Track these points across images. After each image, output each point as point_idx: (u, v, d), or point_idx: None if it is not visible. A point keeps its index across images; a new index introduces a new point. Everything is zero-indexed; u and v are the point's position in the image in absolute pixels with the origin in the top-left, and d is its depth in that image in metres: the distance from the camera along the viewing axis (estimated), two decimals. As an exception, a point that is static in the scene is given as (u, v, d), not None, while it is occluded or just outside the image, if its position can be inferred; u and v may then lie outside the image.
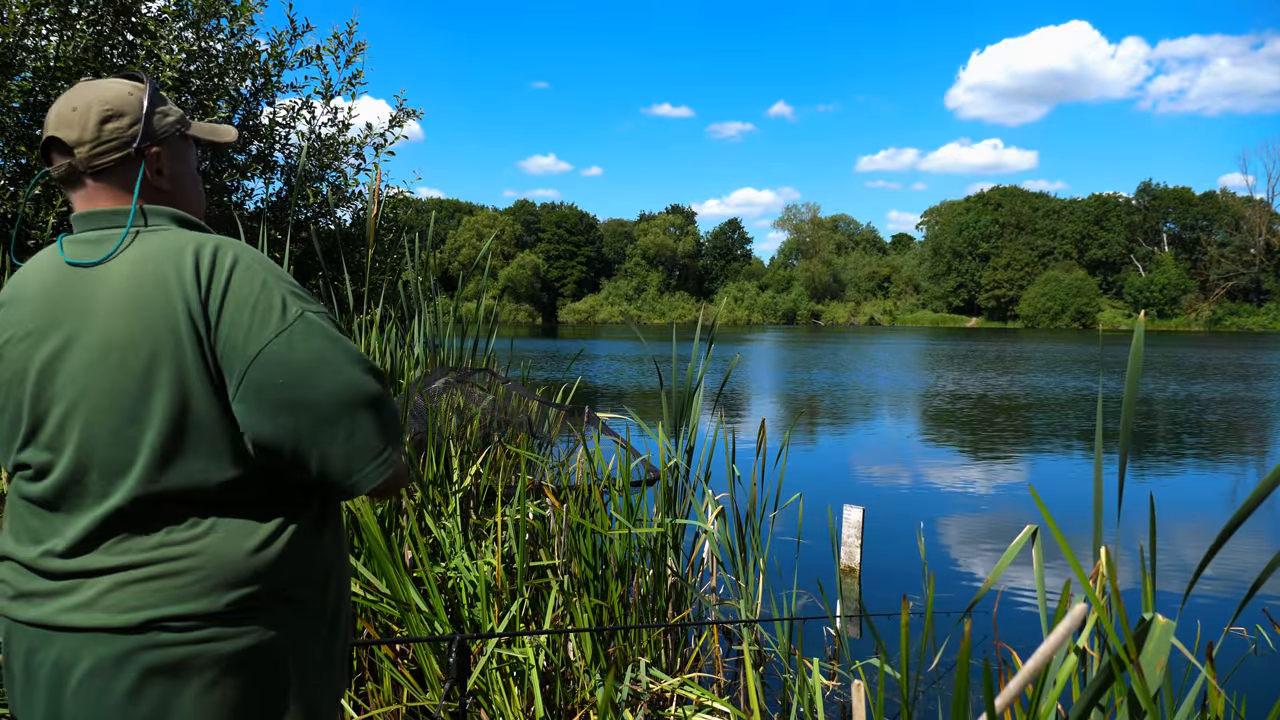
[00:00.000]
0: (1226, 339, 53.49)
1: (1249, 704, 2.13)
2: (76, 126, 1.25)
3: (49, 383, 1.18)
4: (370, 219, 5.12)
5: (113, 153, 1.26)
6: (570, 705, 2.93)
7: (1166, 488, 8.62)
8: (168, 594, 1.14)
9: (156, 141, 1.31)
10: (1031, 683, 1.49)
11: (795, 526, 5.88)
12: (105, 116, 1.26)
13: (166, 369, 1.15)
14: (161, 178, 1.32)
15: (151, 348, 1.15)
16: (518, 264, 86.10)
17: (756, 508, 3.81)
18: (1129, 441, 1.64)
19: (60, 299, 1.19)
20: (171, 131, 1.34)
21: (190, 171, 1.38)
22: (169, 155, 1.33)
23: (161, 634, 1.13)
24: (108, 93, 1.28)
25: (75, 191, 1.29)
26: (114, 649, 1.12)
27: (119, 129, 1.27)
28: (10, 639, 1.19)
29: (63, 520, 1.18)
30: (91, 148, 1.25)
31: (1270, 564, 1.53)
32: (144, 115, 1.28)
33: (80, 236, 1.25)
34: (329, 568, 1.29)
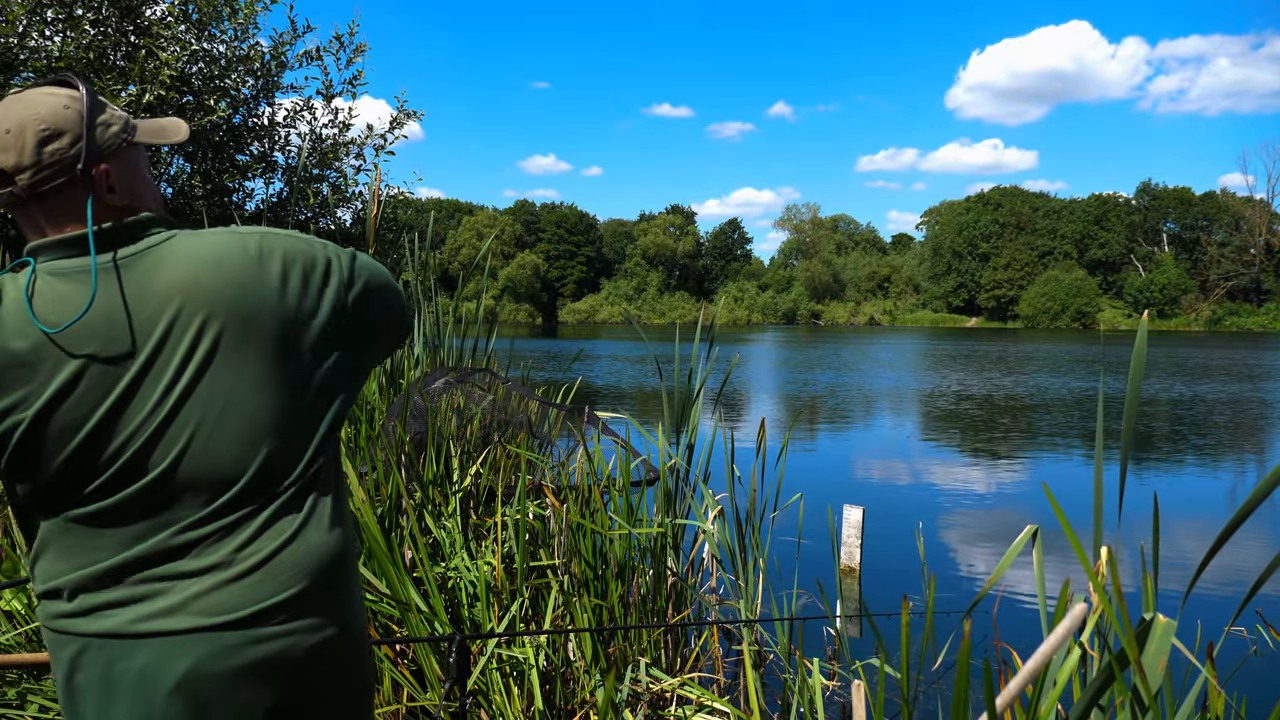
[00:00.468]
0: (1226, 339, 53.49)
1: (1249, 704, 2.13)
2: (13, 151, 1.13)
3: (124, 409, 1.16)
4: (370, 219, 5.12)
5: (56, 177, 1.15)
6: (570, 705, 2.93)
7: (1167, 488, 8.62)
8: (265, 588, 1.18)
9: (102, 158, 1.19)
10: (1032, 682, 1.49)
11: (795, 526, 5.88)
12: (43, 138, 1.14)
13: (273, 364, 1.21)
14: (114, 195, 1.21)
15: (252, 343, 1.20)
16: (518, 264, 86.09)
17: (756, 508, 3.81)
18: (1130, 441, 1.64)
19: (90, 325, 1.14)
20: (117, 143, 1.21)
21: (142, 176, 1.27)
22: (118, 168, 1.22)
23: (262, 628, 1.17)
24: (42, 109, 1.15)
25: (21, 217, 1.19)
26: (214, 646, 1.15)
27: (59, 150, 1.15)
28: (83, 654, 1.17)
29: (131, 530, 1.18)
30: (33, 174, 1.14)
31: (1271, 564, 1.53)
32: (85, 131, 1.16)
33: (60, 266, 1.17)
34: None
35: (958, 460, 10.21)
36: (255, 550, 1.18)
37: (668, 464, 3.58)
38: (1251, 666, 4.15)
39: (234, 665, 1.15)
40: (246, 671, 1.16)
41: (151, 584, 1.16)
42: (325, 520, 1.24)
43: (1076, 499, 7.71)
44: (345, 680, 1.27)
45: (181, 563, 1.16)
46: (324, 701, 1.24)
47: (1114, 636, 1.40)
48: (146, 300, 1.16)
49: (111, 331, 1.14)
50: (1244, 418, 14.34)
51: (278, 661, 1.17)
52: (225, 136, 8.26)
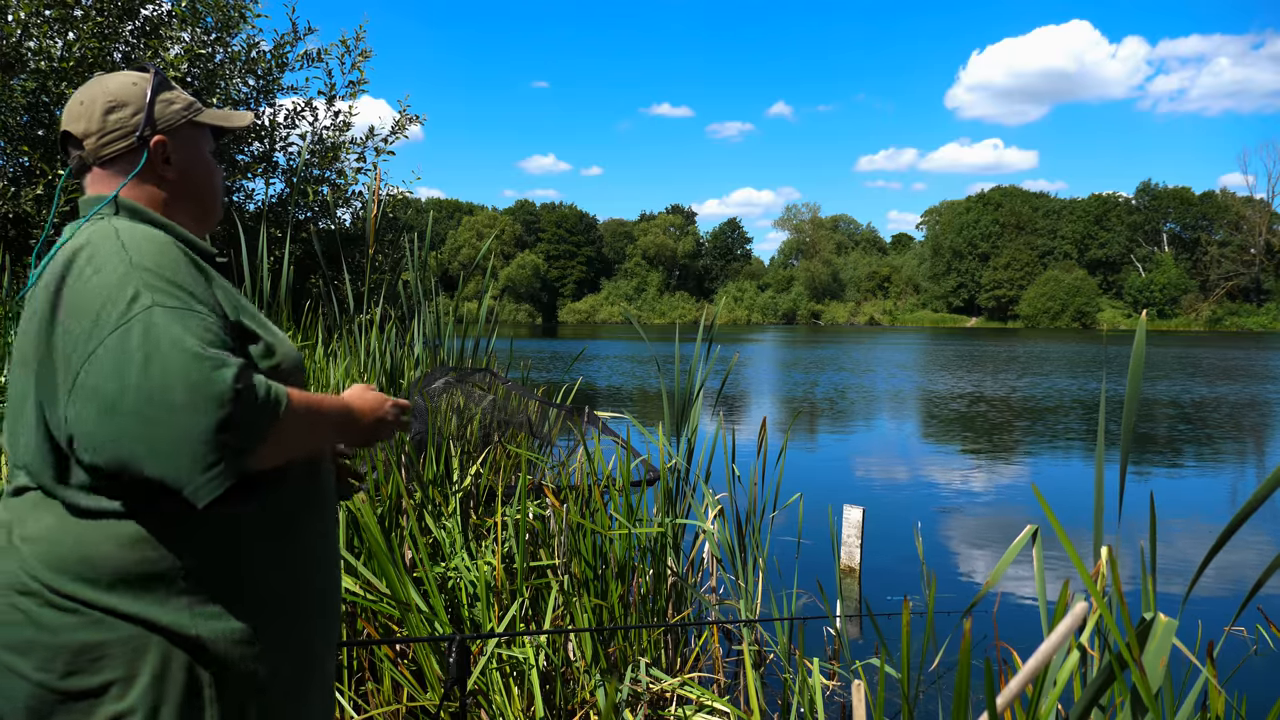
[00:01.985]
0: (1226, 339, 53.48)
1: (1249, 704, 2.13)
2: (83, 119, 1.29)
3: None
4: (370, 219, 5.12)
5: (117, 142, 1.29)
6: (570, 705, 2.93)
7: (1167, 488, 8.62)
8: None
9: (160, 130, 1.32)
10: (1032, 682, 1.49)
11: (795, 526, 5.87)
12: (109, 107, 1.29)
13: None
14: (168, 167, 1.33)
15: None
16: (518, 264, 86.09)
17: (756, 507, 3.81)
18: (1130, 441, 1.64)
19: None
20: (178, 119, 1.35)
21: (202, 159, 1.39)
22: (176, 144, 1.34)
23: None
24: (112, 84, 1.31)
25: (90, 181, 1.32)
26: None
27: (122, 119, 1.29)
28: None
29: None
30: (98, 139, 1.29)
31: (1271, 564, 1.53)
32: (147, 104, 1.30)
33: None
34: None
35: (958, 460, 10.21)
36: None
37: (668, 464, 3.58)
38: (1252, 666, 4.15)
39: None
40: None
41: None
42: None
43: (1077, 499, 7.71)
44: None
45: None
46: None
47: (1114, 637, 1.40)
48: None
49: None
50: (1244, 418, 14.34)
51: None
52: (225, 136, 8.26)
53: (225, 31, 7.84)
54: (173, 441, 1.03)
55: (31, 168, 6.92)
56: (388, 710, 2.77)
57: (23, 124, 6.86)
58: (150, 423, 1.03)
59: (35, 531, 1.15)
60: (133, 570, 1.13)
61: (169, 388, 1.03)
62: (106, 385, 1.04)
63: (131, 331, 1.05)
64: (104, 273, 1.12)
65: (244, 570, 1.19)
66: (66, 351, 1.09)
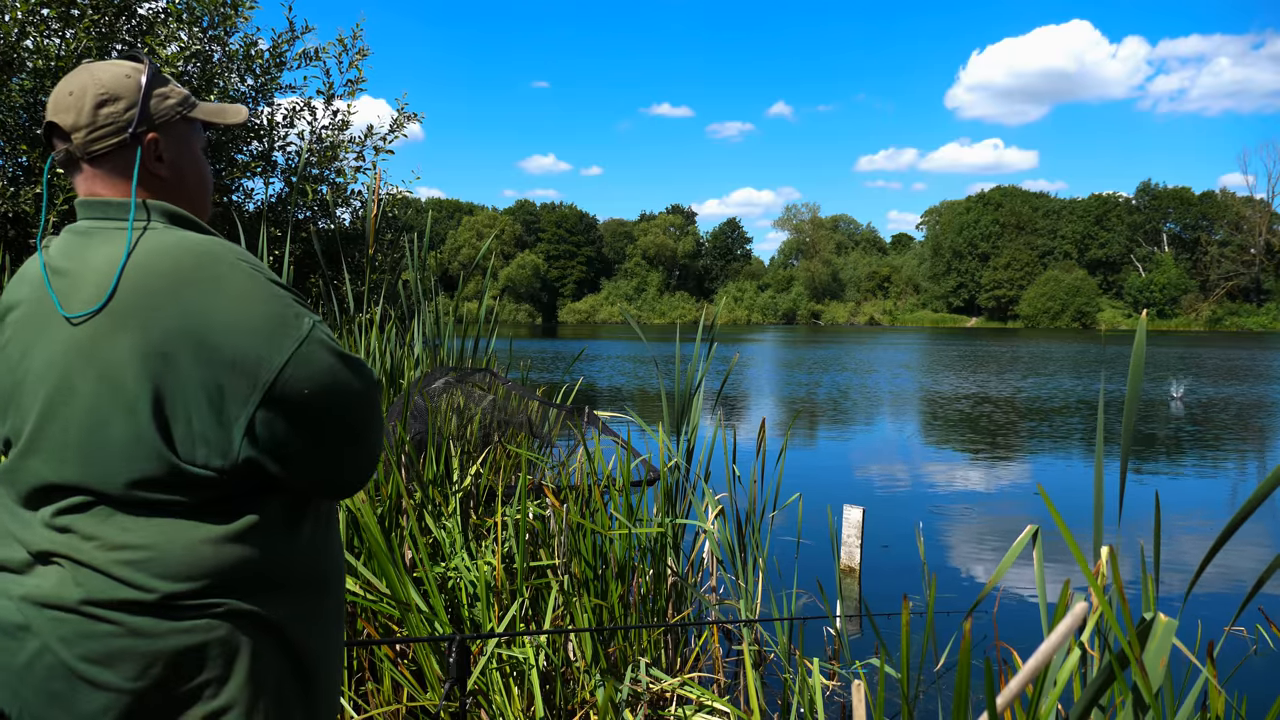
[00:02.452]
0: (1227, 339, 53.47)
1: (1249, 704, 2.13)
2: (72, 111, 1.22)
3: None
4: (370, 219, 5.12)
5: (109, 138, 1.23)
6: (570, 705, 2.93)
7: (1167, 488, 8.62)
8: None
9: (154, 126, 1.26)
10: (1032, 682, 1.48)
11: (795, 526, 5.87)
12: (101, 100, 1.22)
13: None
14: (160, 164, 1.27)
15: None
16: (518, 264, 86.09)
17: (756, 507, 3.81)
18: (1130, 441, 1.63)
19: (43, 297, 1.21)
20: (172, 115, 1.28)
21: (193, 156, 1.33)
22: (169, 140, 1.28)
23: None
24: (104, 75, 1.24)
25: (74, 176, 1.26)
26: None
27: (114, 113, 1.22)
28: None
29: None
30: (88, 133, 1.22)
31: (1271, 564, 1.53)
32: (140, 99, 1.24)
33: (75, 226, 1.24)
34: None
35: (958, 460, 10.21)
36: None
37: (668, 464, 3.58)
38: (1252, 666, 4.15)
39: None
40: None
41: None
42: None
43: (1077, 499, 7.70)
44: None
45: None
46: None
47: (1114, 636, 1.40)
48: (83, 280, 1.18)
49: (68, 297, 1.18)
50: (1244, 418, 14.33)
51: (99, 660, 1.12)
52: (225, 135, 8.25)
53: (222, 29, 7.84)
54: (371, 455, 1.26)
55: (30, 166, 6.93)
56: (388, 710, 2.77)
57: (21, 123, 6.87)
58: (361, 441, 1.23)
59: (130, 540, 1.13)
60: (234, 569, 1.15)
61: (366, 401, 1.23)
62: (316, 401, 1.17)
63: (317, 348, 1.18)
64: (247, 289, 1.16)
65: (307, 557, 1.24)
66: (244, 367, 1.13)
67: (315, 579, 1.25)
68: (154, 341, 1.12)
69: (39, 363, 1.18)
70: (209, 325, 1.13)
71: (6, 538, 1.19)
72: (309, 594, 1.23)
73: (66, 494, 1.16)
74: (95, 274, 1.16)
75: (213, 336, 1.13)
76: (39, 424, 1.17)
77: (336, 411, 1.19)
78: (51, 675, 1.11)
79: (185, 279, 1.14)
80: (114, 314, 1.14)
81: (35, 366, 1.18)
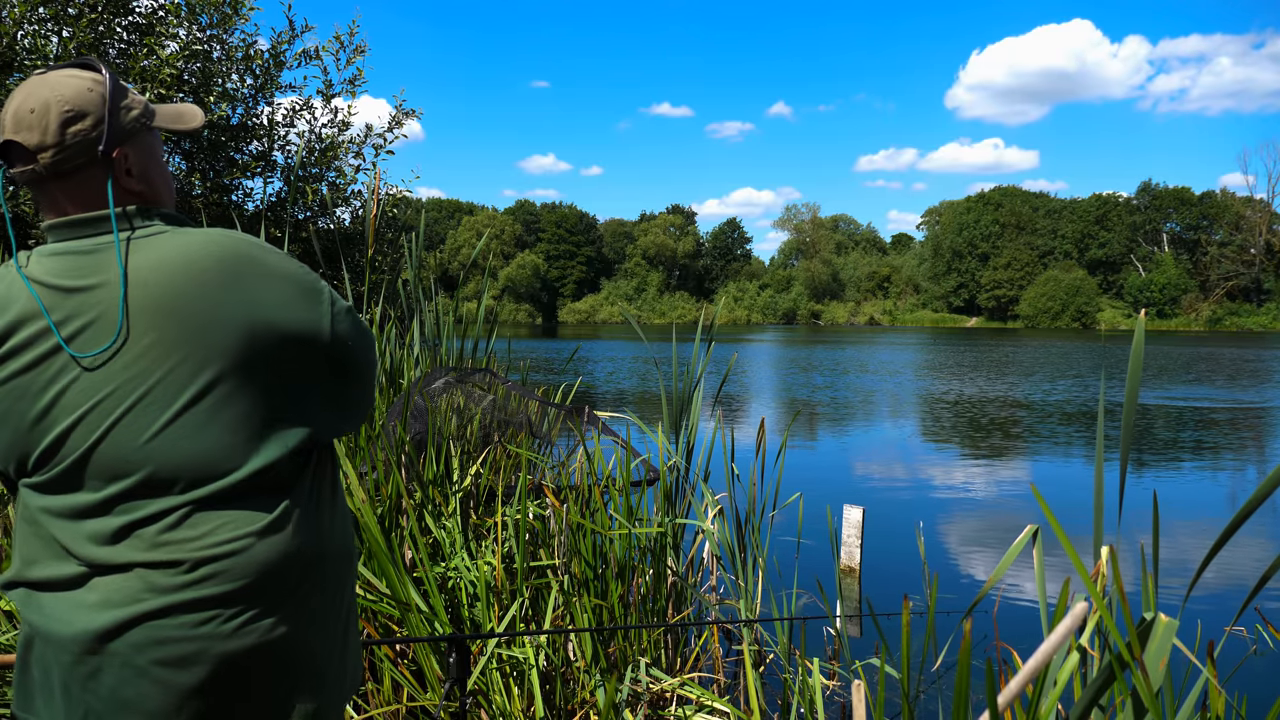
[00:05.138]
0: (1227, 339, 53.48)
1: (1249, 704, 2.13)
2: (37, 130, 1.17)
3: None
4: (370, 218, 5.12)
5: (77, 158, 1.18)
6: (570, 705, 2.93)
7: (1167, 488, 8.62)
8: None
9: (122, 141, 1.22)
10: (1032, 682, 1.48)
11: (795, 526, 5.87)
12: (66, 118, 1.17)
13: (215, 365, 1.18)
14: (131, 178, 1.24)
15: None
16: (518, 264, 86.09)
17: (756, 507, 3.81)
18: (1130, 441, 1.64)
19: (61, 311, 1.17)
20: (137, 127, 1.25)
21: (157, 161, 1.30)
22: (136, 152, 1.25)
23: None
24: (66, 90, 1.18)
25: (40, 195, 1.22)
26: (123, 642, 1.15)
27: (82, 130, 1.18)
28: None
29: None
30: (55, 153, 1.17)
31: (1272, 565, 1.53)
32: (107, 114, 1.19)
33: (63, 247, 1.19)
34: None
35: (958, 460, 10.21)
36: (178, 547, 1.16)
37: (667, 464, 3.58)
38: (1252, 666, 4.15)
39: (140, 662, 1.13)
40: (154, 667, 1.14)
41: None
42: (264, 528, 1.19)
43: (1077, 499, 7.71)
44: (251, 702, 1.18)
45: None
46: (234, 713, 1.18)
47: (1114, 637, 1.40)
48: (115, 289, 1.16)
49: (99, 312, 1.16)
50: (1244, 418, 14.34)
51: (175, 662, 1.13)
52: (224, 135, 8.25)
53: (221, 28, 7.84)
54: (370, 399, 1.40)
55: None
56: (388, 710, 2.77)
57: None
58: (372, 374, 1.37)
59: (199, 541, 1.15)
60: (290, 561, 1.21)
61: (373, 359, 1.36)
62: (360, 353, 1.31)
63: (342, 306, 1.29)
64: (286, 265, 1.24)
65: (343, 529, 1.32)
66: (303, 338, 1.23)
67: (348, 547, 1.32)
68: (216, 336, 1.15)
69: (87, 378, 1.16)
70: (264, 308, 1.18)
71: (51, 555, 1.17)
72: (344, 562, 1.30)
73: (131, 499, 1.15)
74: (142, 280, 1.15)
75: (269, 317, 1.19)
76: (93, 434, 1.15)
77: (369, 354, 1.34)
78: (122, 683, 1.12)
79: (230, 270, 1.18)
80: (165, 316, 1.15)
81: (82, 382, 1.16)
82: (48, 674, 1.17)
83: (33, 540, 1.18)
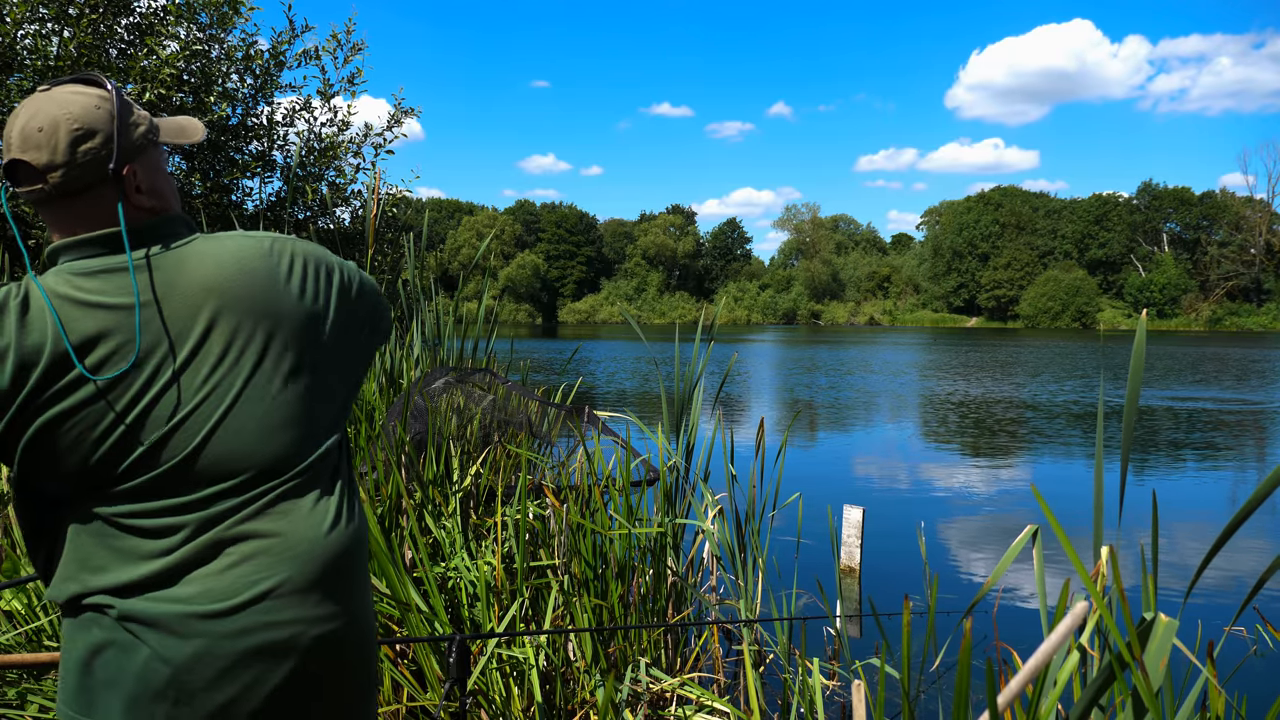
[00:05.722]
0: (1227, 339, 53.48)
1: (1249, 704, 2.13)
2: (46, 149, 1.15)
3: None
4: (369, 218, 5.12)
5: (87, 176, 1.18)
6: (570, 705, 2.93)
7: (1167, 488, 8.62)
8: (264, 574, 1.22)
9: (131, 158, 1.22)
10: (1032, 682, 1.48)
11: (795, 526, 5.87)
12: (76, 137, 1.16)
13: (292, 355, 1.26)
14: (141, 194, 1.24)
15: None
16: (518, 264, 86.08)
17: (756, 507, 3.81)
18: (1130, 441, 1.63)
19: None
20: (145, 142, 1.25)
21: (164, 174, 1.30)
22: (145, 168, 1.25)
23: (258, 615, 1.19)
24: (74, 108, 1.17)
25: (47, 213, 1.21)
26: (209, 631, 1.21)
27: (92, 149, 1.17)
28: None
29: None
30: (65, 173, 1.17)
31: (1272, 565, 1.53)
32: (116, 132, 1.19)
33: (97, 265, 1.18)
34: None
35: (958, 460, 10.21)
36: (263, 535, 1.20)
37: (667, 464, 3.58)
38: (1251, 666, 4.15)
39: (227, 651, 1.16)
40: (241, 658, 1.16)
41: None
42: (336, 510, 1.27)
43: (1078, 499, 7.70)
44: (348, 675, 1.26)
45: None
46: (323, 698, 1.23)
47: (1114, 637, 1.39)
48: (173, 298, 1.19)
49: (144, 328, 1.17)
50: (1244, 418, 14.34)
51: (275, 649, 1.17)
52: (224, 135, 8.25)
53: (220, 27, 7.84)
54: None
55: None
56: (388, 710, 2.77)
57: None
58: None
59: (285, 527, 1.22)
60: (353, 546, 1.30)
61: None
62: (379, 306, 1.45)
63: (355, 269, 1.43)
64: (318, 251, 1.35)
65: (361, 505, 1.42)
66: (358, 306, 1.37)
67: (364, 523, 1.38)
68: (283, 322, 1.24)
69: (174, 387, 1.18)
70: (309, 288, 1.28)
71: (126, 560, 1.17)
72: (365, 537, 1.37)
73: (227, 494, 1.19)
74: (200, 285, 1.21)
75: (321, 295, 1.29)
76: (195, 438, 1.17)
77: (384, 305, 1.47)
78: (221, 676, 1.16)
79: (272, 262, 1.26)
80: (233, 313, 1.21)
81: (170, 392, 1.17)
82: (114, 681, 1.15)
83: (99, 549, 1.17)
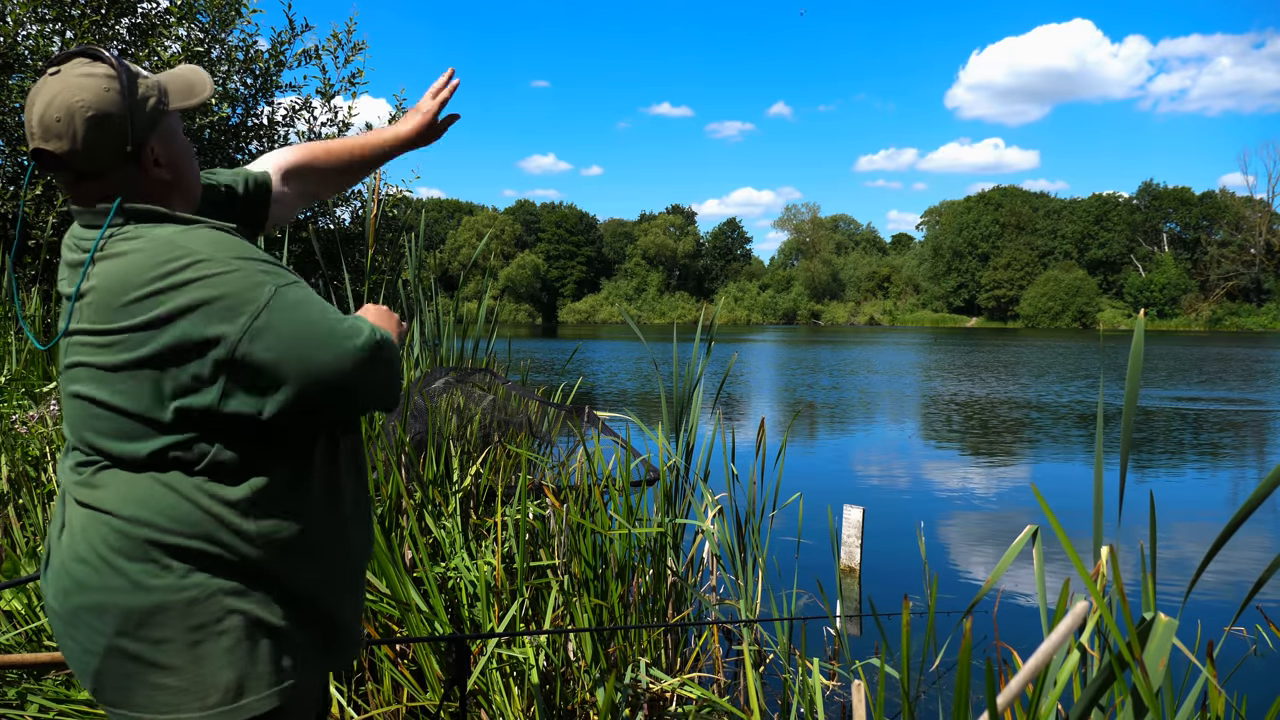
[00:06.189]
0: (1227, 339, 53.48)
1: (1249, 704, 2.13)
2: (66, 138, 1.19)
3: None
4: (370, 218, 5.12)
5: (107, 159, 1.22)
6: (570, 705, 2.93)
7: (1168, 488, 8.62)
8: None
9: (147, 134, 1.25)
10: (1032, 682, 1.48)
11: (795, 526, 5.87)
12: (92, 121, 1.19)
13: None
14: (160, 168, 1.27)
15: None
16: (518, 264, 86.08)
17: (756, 507, 3.81)
18: (1130, 441, 1.63)
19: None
20: (157, 115, 1.27)
21: (181, 144, 1.32)
22: (161, 142, 1.27)
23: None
24: (86, 93, 1.20)
25: (76, 193, 1.26)
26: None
27: (109, 132, 1.21)
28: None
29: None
30: (86, 159, 1.21)
31: (1271, 565, 1.53)
32: (129, 110, 1.22)
33: (76, 233, 1.27)
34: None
35: (958, 460, 10.21)
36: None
37: (667, 464, 3.58)
38: (1251, 666, 4.15)
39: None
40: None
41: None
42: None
43: (1078, 499, 7.70)
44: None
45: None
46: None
47: (1114, 636, 1.39)
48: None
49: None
50: (1244, 418, 14.34)
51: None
52: (224, 135, 8.25)
53: (221, 28, 7.84)
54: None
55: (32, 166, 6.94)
56: (388, 710, 2.77)
57: (21, 123, 6.87)
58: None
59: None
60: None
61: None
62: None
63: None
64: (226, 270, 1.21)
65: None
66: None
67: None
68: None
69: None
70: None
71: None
72: None
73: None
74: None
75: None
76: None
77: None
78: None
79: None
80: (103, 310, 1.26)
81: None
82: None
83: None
